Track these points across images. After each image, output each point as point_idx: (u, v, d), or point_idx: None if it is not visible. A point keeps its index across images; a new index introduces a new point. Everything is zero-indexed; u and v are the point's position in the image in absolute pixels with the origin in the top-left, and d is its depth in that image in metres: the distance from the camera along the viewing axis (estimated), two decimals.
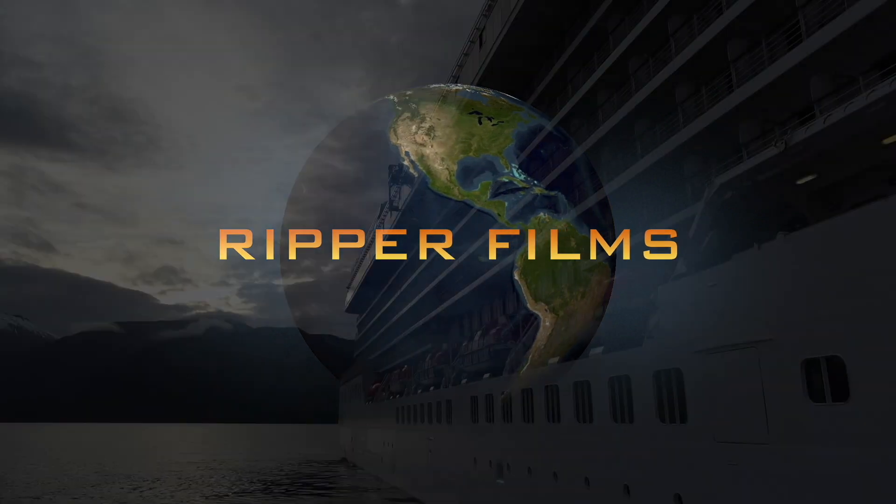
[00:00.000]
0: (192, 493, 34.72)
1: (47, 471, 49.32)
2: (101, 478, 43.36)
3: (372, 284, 69.36)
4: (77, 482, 40.30)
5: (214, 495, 33.81)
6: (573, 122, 23.68)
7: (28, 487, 36.90)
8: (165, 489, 36.46)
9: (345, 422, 67.53)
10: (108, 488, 36.73)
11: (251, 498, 32.85)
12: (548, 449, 16.89)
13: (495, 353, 22.52)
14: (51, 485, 38.50)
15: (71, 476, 44.81)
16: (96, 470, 50.17)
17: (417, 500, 30.44)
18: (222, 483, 40.27)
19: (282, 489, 36.94)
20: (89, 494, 33.82)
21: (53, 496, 32.89)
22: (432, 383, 31.58)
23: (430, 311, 40.72)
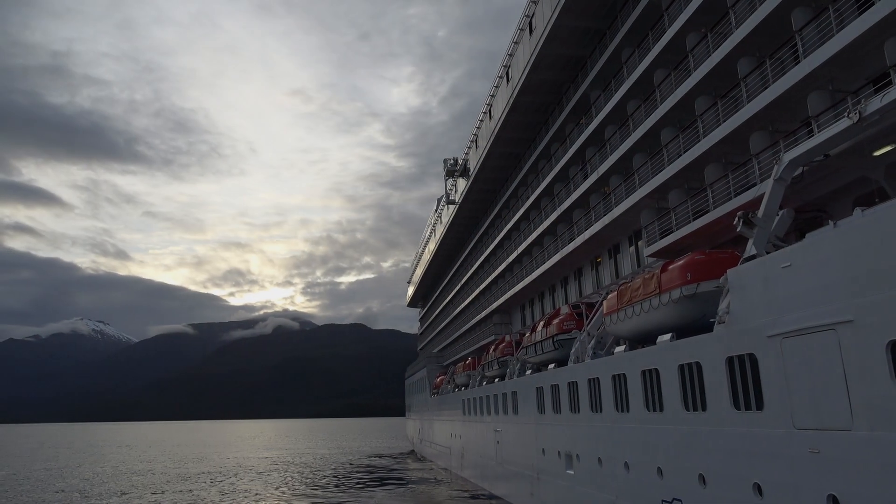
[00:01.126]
0: (267, 486, 35.97)
1: (134, 466, 52.06)
2: (182, 473, 45.46)
3: (432, 278, 69.91)
4: (161, 478, 42.38)
5: (288, 489, 34.94)
6: (630, 104, 23.17)
7: (117, 481, 39.07)
8: (242, 484, 37.91)
9: (411, 415, 68.37)
10: (189, 483, 38.47)
11: (324, 491, 33.78)
12: (617, 439, 16.66)
13: (560, 342, 22.34)
14: (137, 480, 40.62)
15: (155, 472, 47.14)
16: (177, 466, 52.63)
17: (486, 491, 30.60)
18: (296, 477, 41.54)
19: (353, 482, 37.81)
20: (174, 489, 35.50)
21: (141, 491, 34.69)
22: (497, 375, 31.61)
23: (492, 302, 40.74)
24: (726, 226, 15.54)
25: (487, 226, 45.25)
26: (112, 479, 41.63)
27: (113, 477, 43.51)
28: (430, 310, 72.62)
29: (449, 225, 52.80)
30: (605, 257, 27.01)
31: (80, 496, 33.18)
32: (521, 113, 34.11)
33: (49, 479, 42.62)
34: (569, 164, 29.16)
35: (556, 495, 20.96)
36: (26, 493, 34.74)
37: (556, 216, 29.60)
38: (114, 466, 53.21)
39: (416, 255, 78.81)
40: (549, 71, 30.15)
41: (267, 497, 31.61)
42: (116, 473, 46.43)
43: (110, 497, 32.61)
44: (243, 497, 31.67)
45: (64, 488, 36.85)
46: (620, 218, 22.84)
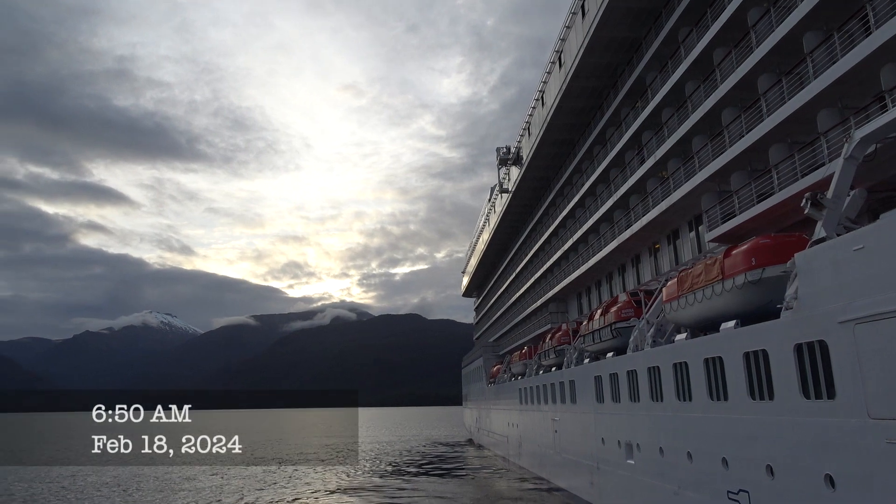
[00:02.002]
0: (329, 474, 36.89)
1: (198, 457, 54.16)
2: (248, 459, 47.07)
3: (486, 267, 69.90)
4: (229, 463, 43.97)
5: (350, 476, 35.76)
6: (689, 85, 22.52)
7: (186, 469, 40.76)
8: (306, 472, 38.98)
9: (468, 404, 68.70)
10: (254, 469, 39.82)
11: (384, 479, 34.41)
12: (679, 428, 16.36)
13: (618, 330, 22.04)
14: (208, 466, 42.26)
15: (225, 458, 48.92)
16: (245, 451, 54.49)
17: (545, 480, 30.56)
18: (356, 464, 42.45)
19: (413, 470, 38.36)
20: (241, 475, 36.82)
21: (210, 475, 36.13)
22: (554, 364, 31.44)
23: (547, 290, 40.46)
24: (793, 208, 14.98)
25: (541, 214, 44.88)
26: (186, 465, 43.47)
27: (186, 462, 45.41)
28: (485, 299, 72.66)
29: (502, 214, 52.61)
30: (664, 243, 26.43)
31: (157, 480, 34.79)
32: (575, 98, 33.60)
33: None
34: (624, 149, 28.60)
35: (617, 485, 20.76)
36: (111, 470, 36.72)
37: (612, 203, 29.11)
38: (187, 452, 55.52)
39: (470, 245, 78.95)
40: (602, 54, 29.59)
41: (331, 483, 32.43)
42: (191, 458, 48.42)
43: (182, 482, 34.08)
44: (309, 481, 32.59)
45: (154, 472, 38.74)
46: (679, 203, 22.30)
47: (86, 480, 35.04)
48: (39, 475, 37.84)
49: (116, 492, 30.59)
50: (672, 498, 16.45)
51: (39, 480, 35.70)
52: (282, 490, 30.15)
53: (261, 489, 30.63)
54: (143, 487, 31.91)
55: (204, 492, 30.12)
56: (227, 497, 28.42)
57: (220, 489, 30.95)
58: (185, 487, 31.90)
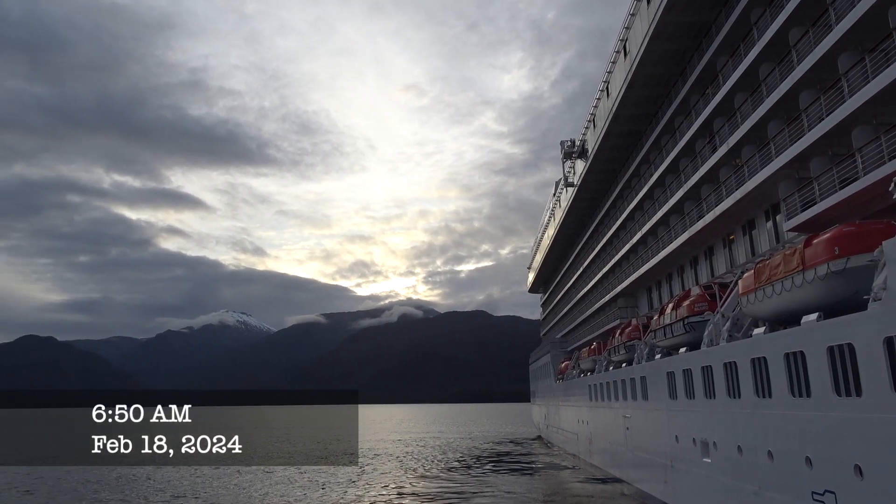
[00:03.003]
0: (402, 469, 37.42)
1: (279, 447, 56.07)
2: (322, 453, 48.35)
3: (552, 263, 69.16)
4: (303, 457, 45.30)
5: (422, 471, 36.17)
6: (763, 68, 21.56)
7: (267, 459, 42.27)
8: (380, 466, 39.69)
9: (536, 400, 68.26)
10: (329, 461, 40.87)
11: (453, 475, 34.63)
12: (759, 426, 15.72)
13: (691, 325, 21.37)
14: (279, 460, 43.69)
15: (300, 452, 50.44)
16: (318, 445, 56.02)
17: (617, 477, 30.03)
18: (427, 460, 42.89)
19: (482, 466, 38.44)
20: (316, 468, 37.85)
21: (290, 469, 37.33)
22: (624, 360, 30.85)
23: (616, 285, 39.68)
24: (879, 194, 14.16)
25: (608, 207, 44.02)
26: (269, 457, 45.08)
27: (269, 456, 47.10)
28: (552, 295, 71.92)
29: (568, 208, 51.90)
30: (739, 234, 25.44)
31: (238, 474, 36.21)
32: (641, 87, 32.76)
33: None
34: (695, 138, 27.68)
35: (693, 483, 20.17)
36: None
37: (683, 193, 28.23)
38: (264, 445, 57.56)
39: (535, 240, 78.29)
40: (669, 40, 28.72)
41: (400, 479, 32.91)
42: (271, 451, 50.19)
43: (264, 473, 35.35)
44: (381, 476, 33.20)
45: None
46: (755, 191, 21.39)
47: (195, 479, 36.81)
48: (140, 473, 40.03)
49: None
50: (752, 498, 15.85)
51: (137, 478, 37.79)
52: (353, 488, 30.81)
53: (343, 485, 31.42)
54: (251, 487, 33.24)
55: (311, 488, 31.10)
56: (311, 493, 29.28)
57: (313, 487, 31.88)
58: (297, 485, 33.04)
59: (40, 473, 36.77)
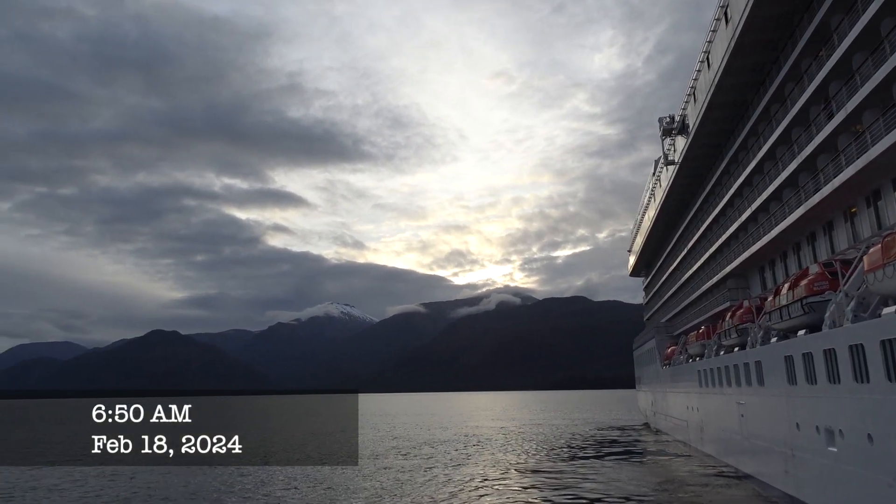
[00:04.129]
0: (508, 455, 37.62)
1: (391, 431, 57.91)
2: (429, 439, 49.45)
3: (654, 245, 66.87)
4: (409, 443, 46.52)
5: (527, 457, 36.20)
6: (884, 24, 19.72)
7: (373, 445, 43.80)
8: (484, 449, 40.10)
9: (642, 387, 66.55)
10: (435, 449, 41.72)
11: (558, 463, 34.40)
12: (891, 413, 14.52)
13: (810, 306, 20.02)
14: (384, 444, 45.07)
15: (404, 438, 51.84)
16: (425, 432, 57.37)
17: (732, 467, 28.80)
18: (533, 447, 42.86)
19: (588, 454, 37.95)
20: (423, 455, 38.77)
21: (389, 455, 38.48)
22: (735, 344, 29.45)
23: (725, 266, 37.83)
24: None
25: (713, 184, 41.95)
26: (373, 443, 46.69)
27: (374, 441, 48.75)
28: (655, 278, 69.58)
29: (669, 187, 49.92)
30: (862, 206, 23.50)
31: (327, 457, 37.75)
32: (746, 55, 30.88)
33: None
34: (808, 105, 25.78)
35: (818, 474, 18.97)
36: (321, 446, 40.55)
37: (797, 165, 26.40)
38: (372, 431, 59.60)
39: (635, 222, 75.96)
40: (776, 3, 26.86)
41: (504, 465, 33.09)
42: (377, 437, 51.91)
43: (370, 458, 36.66)
44: (489, 461, 33.56)
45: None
46: (880, 159, 19.65)
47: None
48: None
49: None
50: (886, 490, 14.71)
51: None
52: (470, 470, 31.28)
53: (457, 465, 32.05)
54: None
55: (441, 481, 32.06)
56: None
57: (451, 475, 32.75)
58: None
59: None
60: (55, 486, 28.12)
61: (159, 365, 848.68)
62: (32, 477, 30.75)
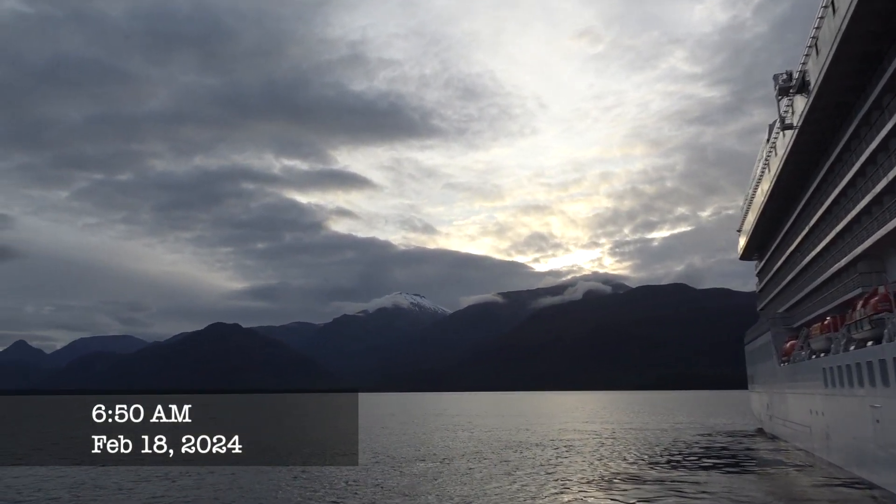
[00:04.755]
0: (602, 462, 37.35)
1: (461, 435, 58.62)
2: (509, 441, 49.73)
3: (769, 223, 64.29)
4: (489, 447, 46.93)
5: (625, 464, 35.82)
6: None
7: (448, 449, 44.45)
8: (578, 457, 39.98)
9: (754, 387, 64.56)
10: (516, 453, 41.93)
11: (661, 471, 33.86)
12: None
13: None
14: (466, 447, 45.63)
15: (482, 441, 52.35)
16: (507, 436, 57.72)
17: (864, 479, 27.59)
18: (629, 454, 42.38)
19: (693, 463, 37.18)
20: (507, 459, 39.05)
21: (469, 459, 38.94)
22: (869, 337, 28.09)
23: (856, 246, 36.00)
24: None
25: (840, 150, 39.85)
26: (441, 447, 47.41)
27: (443, 445, 49.50)
28: (771, 261, 66.96)
29: (787, 155, 47.77)
30: None
31: (407, 460, 38.46)
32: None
33: (390, 440, 50.34)
34: None
35: None
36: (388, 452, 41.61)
37: None
38: (441, 432, 60.49)
39: (746, 198, 73.19)
40: None
41: (604, 471, 32.87)
42: (448, 440, 52.68)
43: (435, 461, 37.23)
44: (581, 468, 33.46)
45: (409, 451, 43.18)
46: None
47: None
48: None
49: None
50: None
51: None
52: (561, 477, 31.30)
53: (547, 471, 32.19)
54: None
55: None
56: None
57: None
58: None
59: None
60: (118, 485, 30.09)
61: (221, 360, 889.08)
62: (99, 475, 32.96)
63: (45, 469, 35.58)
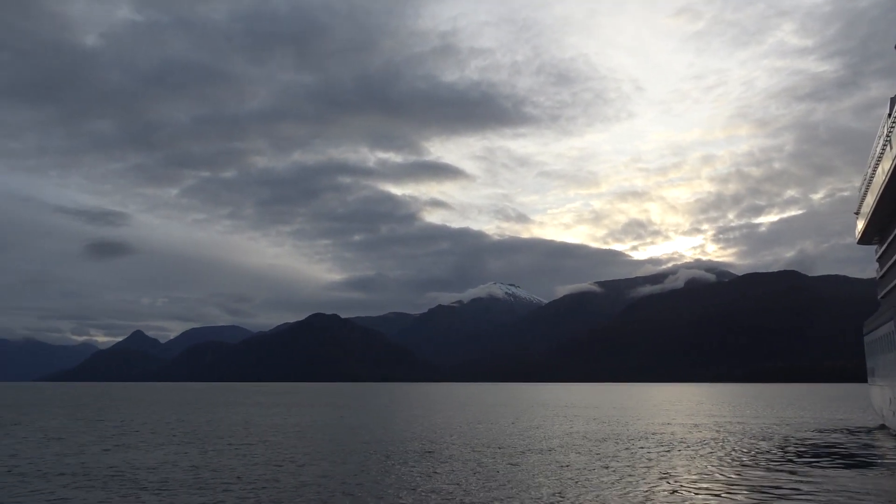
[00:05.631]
0: (706, 458, 35.77)
1: (558, 427, 57.80)
2: (612, 435, 48.55)
3: (892, 204, 59.77)
4: (589, 440, 45.99)
5: (729, 460, 34.17)
6: None
7: (539, 442, 43.86)
8: (680, 452, 38.53)
9: (876, 380, 60.33)
10: (622, 445, 40.82)
11: (773, 465, 32.07)
12: None
13: None
14: (553, 441, 44.88)
15: (573, 434, 51.40)
16: (605, 428, 56.48)
17: None
18: (737, 447, 40.49)
19: (807, 459, 35.05)
20: (602, 452, 38.11)
21: (557, 450, 38.23)
22: None
23: None
24: None
25: None
26: (540, 439, 46.84)
27: (541, 438, 48.92)
28: (893, 245, 62.27)
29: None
30: None
31: (499, 451, 38.09)
32: None
33: (482, 432, 50.21)
34: None
35: None
36: (459, 442, 41.56)
37: None
38: (537, 426, 59.86)
39: (864, 178, 68.29)
40: None
41: (709, 467, 31.51)
42: (545, 434, 52.04)
43: (532, 453, 36.70)
44: (684, 463, 32.20)
45: (497, 441, 42.94)
46: None
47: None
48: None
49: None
50: None
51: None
52: (661, 471, 30.25)
53: (645, 466, 31.23)
54: None
55: None
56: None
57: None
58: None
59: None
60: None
61: (321, 350, 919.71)
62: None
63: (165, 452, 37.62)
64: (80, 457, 35.14)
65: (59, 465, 32.12)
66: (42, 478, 27.92)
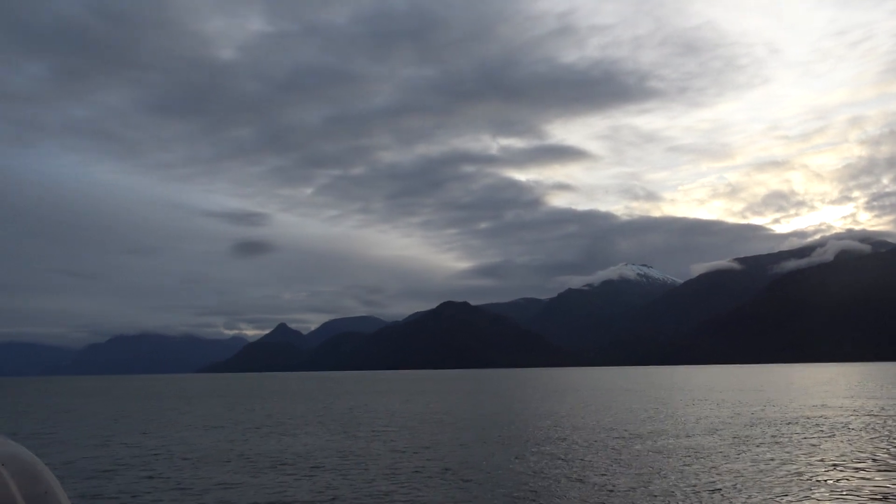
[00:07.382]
0: (876, 440, 33.43)
1: (701, 410, 55.66)
2: (757, 419, 46.26)
3: None
4: (733, 423, 44.05)
5: (871, 448, 31.72)
6: None
7: (695, 425, 42.42)
8: (844, 435, 36.23)
9: None
10: (780, 429, 38.81)
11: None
12: None
13: None
14: (699, 425, 43.20)
15: (724, 420, 49.29)
16: (750, 411, 53.82)
17: None
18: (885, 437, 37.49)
19: None
20: (750, 436, 36.42)
21: (710, 436, 36.80)
22: None
23: None
24: None
25: None
26: (686, 424, 45.37)
27: (687, 422, 47.40)
28: None
29: None
30: None
31: (637, 437, 37.16)
32: None
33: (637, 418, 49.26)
34: None
35: None
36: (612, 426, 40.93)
37: None
38: (678, 411, 57.97)
39: None
40: None
41: (872, 453, 29.44)
42: (696, 417, 50.39)
43: (683, 436, 35.58)
44: (844, 450, 30.28)
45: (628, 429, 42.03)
46: None
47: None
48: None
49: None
50: None
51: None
52: (815, 459, 28.64)
53: (802, 451, 29.70)
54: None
55: None
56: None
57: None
58: None
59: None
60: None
61: (453, 337, 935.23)
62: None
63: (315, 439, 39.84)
64: (243, 444, 37.91)
65: (219, 450, 34.85)
66: (212, 464, 30.41)
